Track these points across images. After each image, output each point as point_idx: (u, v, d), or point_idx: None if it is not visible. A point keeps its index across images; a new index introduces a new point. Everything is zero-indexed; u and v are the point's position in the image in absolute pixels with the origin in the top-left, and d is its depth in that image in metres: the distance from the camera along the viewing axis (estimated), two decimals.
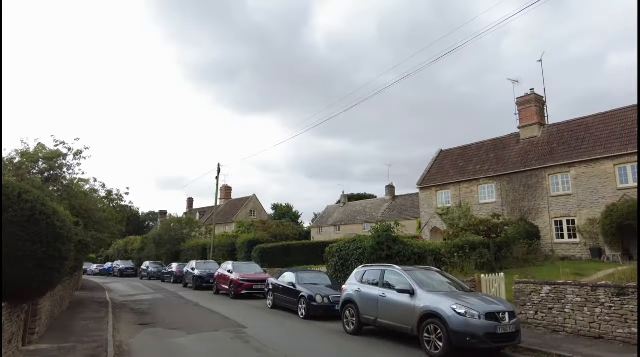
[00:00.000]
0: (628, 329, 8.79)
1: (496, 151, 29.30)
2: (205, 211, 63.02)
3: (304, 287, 13.95)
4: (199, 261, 27.72)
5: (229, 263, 22.02)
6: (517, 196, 26.17)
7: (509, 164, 27.30)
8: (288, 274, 15.71)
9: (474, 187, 28.60)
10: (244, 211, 56.90)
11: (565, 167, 24.29)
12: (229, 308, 15.92)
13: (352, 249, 16.93)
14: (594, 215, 22.69)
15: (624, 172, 22.19)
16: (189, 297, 20.47)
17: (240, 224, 37.05)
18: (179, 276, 30.55)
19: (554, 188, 24.79)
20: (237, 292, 19.37)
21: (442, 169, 31.81)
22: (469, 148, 32.01)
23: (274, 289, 15.89)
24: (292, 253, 28.67)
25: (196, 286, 24.73)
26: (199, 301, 18.61)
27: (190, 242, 39.87)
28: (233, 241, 32.51)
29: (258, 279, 19.80)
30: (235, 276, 19.90)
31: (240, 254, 30.01)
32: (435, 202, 30.82)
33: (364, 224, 50.54)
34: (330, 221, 55.91)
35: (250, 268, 21.55)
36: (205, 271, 25.32)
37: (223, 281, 21.25)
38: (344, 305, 11.15)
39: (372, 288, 10.34)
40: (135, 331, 11.16)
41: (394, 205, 49.93)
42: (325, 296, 13.18)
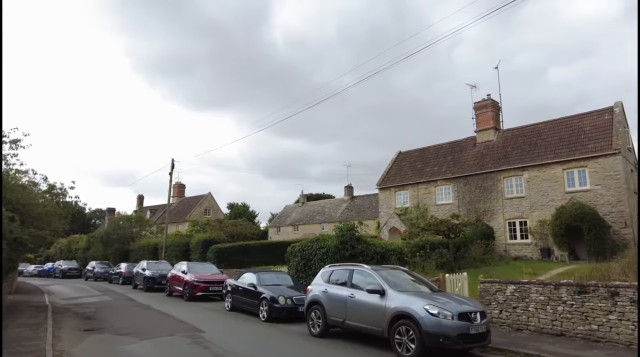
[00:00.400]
0: (588, 326, 8.98)
1: (453, 154, 30.02)
2: (157, 209, 60.37)
3: (266, 289, 13.36)
4: (150, 261, 26.26)
5: (183, 263, 20.93)
6: (473, 197, 26.90)
7: (466, 166, 28.03)
8: (248, 275, 15.04)
9: (431, 188, 29.12)
10: (198, 210, 55.01)
11: (519, 171, 25.24)
12: (184, 311, 15.00)
13: (315, 249, 16.51)
14: (544, 217, 23.71)
15: (571, 176, 23.35)
16: (140, 299, 19.22)
17: (194, 223, 35.57)
18: (128, 276, 28.89)
19: (508, 191, 25.70)
20: (192, 294, 18.39)
21: (401, 170, 32.19)
22: (427, 150, 32.61)
23: (232, 291, 15.16)
24: (250, 253, 27.85)
25: (147, 288, 23.36)
26: (150, 303, 17.47)
27: (140, 241, 37.87)
28: (187, 240, 31.12)
29: (215, 280, 18.92)
30: (190, 277, 18.90)
31: (195, 254, 28.77)
32: (394, 203, 31.11)
33: (323, 223, 50.42)
34: (289, 221, 55.31)
35: (206, 269, 20.58)
36: (157, 272, 23.98)
37: (176, 282, 20.15)
38: (309, 306, 10.69)
39: (340, 288, 9.96)
40: (79, 338, 10.11)
41: (352, 205, 50.15)
42: (288, 297, 12.66)
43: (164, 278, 23.51)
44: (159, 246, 33.92)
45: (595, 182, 22.32)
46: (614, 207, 21.57)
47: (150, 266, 25.01)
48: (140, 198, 64.01)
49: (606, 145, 22.32)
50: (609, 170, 21.94)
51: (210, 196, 57.50)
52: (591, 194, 22.32)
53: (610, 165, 21.90)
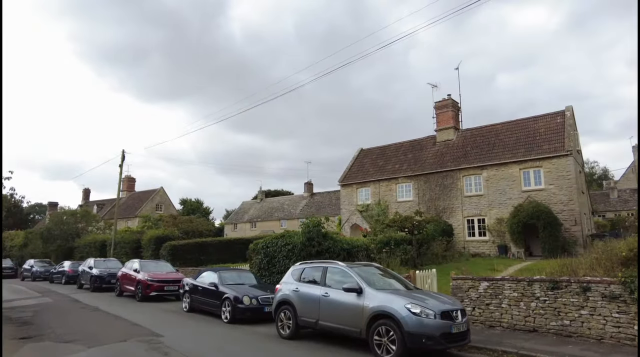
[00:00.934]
0: (560, 322, 9.00)
1: (414, 152, 30.31)
2: (104, 204, 56.95)
3: (228, 288, 12.55)
4: (97, 259, 24.41)
5: (135, 261, 19.53)
6: (433, 195, 27.25)
7: (426, 164, 28.36)
8: (208, 274, 14.13)
9: (392, 186, 29.23)
10: (149, 205, 52.39)
11: (478, 170, 25.81)
12: (138, 312, 13.85)
13: (280, 245, 15.83)
14: (502, 215, 24.39)
15: (527, 175, 24.18)
16: (86, 300, 17.68)
17: (146, 219, 33.57)
18: (73, 275, 26.79)
19: (468, 189, 26.24)
20: (145, 294, 17.15)
21: (363, 168, 32.11)
22: (388, 148, 32.75)
23: (191, 291, 14.18)
24: (207, 251, 26.66)
25: (94, 287, 21.66)
26: (98, 304, 16.07)
27: (86, 237, 35.34)
28: (138, 237, 29.32)
29: (170, 280, 17.77)
30: (143, 276, 17.63)
31: (147, 252, 27.13)
32: (355, 199, 30.97)
33: (282, 220, 49.66)
34: (246, 218, 54.01)
35: (161, 267, 19.32)
36: (105, 270, 22.32)
37: (128, 281, 18.76)
38: (278, 307, 10.04)
39: (312, 287, 9.39)
40: (14, 347, 8.87)
41: (312, 202, 49.74)
42: (253, 297, 11.93)
43: (114, 277, 21.92)
44: (107, 242, 31.79)
45: (549, 181, 23.22)
46: (565, 206, 22.52)
47: (98, 263, 23.25)
48: (86, 192, 60.09)
49: (559, 147, 23.26)
50: (561, 170, 22.89)
51: (162, 191, 54.97)
52: (545, 193, 23.19)
53: (563, 166, 22.84)
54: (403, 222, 19.13)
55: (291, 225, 48.09)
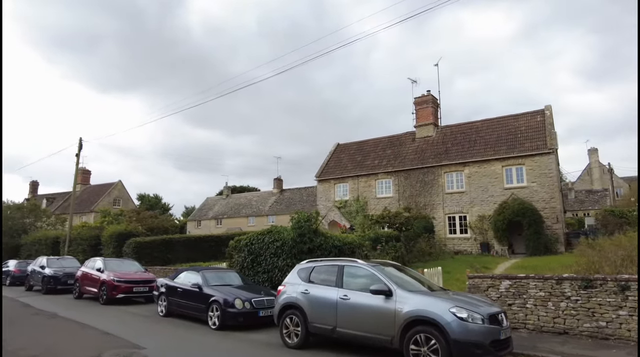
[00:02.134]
0: (595, 323, 8.31)
1: (393, 148, 29.66)
2: (55, 198, 52.68)
3: (215, 290, 11.07)
4: (51, 257, 21.87)
5: (98, 260, 17.48)
6: (414, 191, 26.68)
7: (407, 160, 27.76)
8: (189, 274, 12.54)
9: (371, 182, 28.42)
10: (106, 199, 48.90)
11: (460, 166, 25.46)
12: (106, 318, 12.07)
13: (267, 242, 14.42)
14: (484, 212, 24.13)
15: (510, 173, 24.05)
16: (40, 304, 15.51)
17: (105, 214, 30.87)
18: (19, 276, 24.06)
19: (449, 185, 25.84)
20: (111, 296, 15.24)
21: (340, 163, 31.12)
22: (365, 143, 31.95)
23: (168, 293, 12.53)
24: (175, 249, 24.67)
25: (47, 289, 19.30)
26: (56, 309, 14.03)
27: (35, 234, 32.10)
28: (97, 233, 26.77)
29: (140, 280, 15.96)
30: (109, 276, 15.68)
31: (108, 249, 24.76)
32: (333, 195, 29.91)
33: (250, 217, 47.84)
34: (211, 214, 51.66)
35: (127, 266, 17.35)
36: (60, 270, 19.98)
37: (89, 282, 16.70)
38: (283, 311, 8.74)
39: (326, 289, 8.17)
40: None
41: (282, 198, 48.25)
42: (246, 299, 10.52)
43: (71, 277, 19.65)
44: (60, 239, 28.93)
45: (532, 179, 23.17)
46: (547, 204, 22.53)
47: (52, 262, 20.81)
48: (33, 185, 55.29)
49: (541, 145, 23.27)
50: (543, 168, 22.89)
51: (120, 185, 51.52)
52: (528, 191, 23.13)
53: (545, 164, 22.85)
54: (393, 218, 18.24)
55: (260, 222, 46.41)
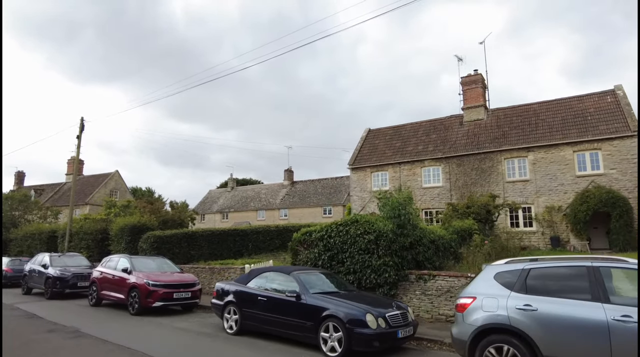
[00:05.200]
0: None
1: (437, 132, 26.62)
2: (44, 189, 48.27)
3: (325, 301, 7.81)
4: (53, 254, 18.23)
5: (123, 257, 13.98)
6: (468, 180, 23.67)
7: (458, 146, 24.74)
8: (275, 277, 9.21)
9: (417, 170, 25.32)
10: (102, 191, 44.80)
11: (523, 152, 22.54)
12: (156, 339, 8.77)
13: (353, 235, 11.18)
14: (552, 202, 21.28)
15: (582, 159, 21.23)
16: (49, 314, 12.01)
17: (110, 204, 27.15)
18: (14, 277, 20.44)
19: (510, 173, 22.90)
20: (145, 305, 11.84)
21: (376, 149, 27.93)
22: (402, 128, 28.84)
23: (240, 302, 9.21)
24: (198, 244, 21.19)
25: (53, 293, 15.75)
26: (74, 322, 10.62)
27: (27, 227, 28.17)
28: (104, 226, 23.08)
29: (180, 283, 12.54)
30: (140, 279, 12.27)
31: (118, 245, 21.14)
32: (369, 185, 26.71)
33: (259, 211, 44.39)
34: (216, 208, 48.00)
35: (159, 265, 13.90)
36: (67, 270, 16.44)
37: (112, 285, 13.25)
38: (480, 338, 5.55)
39: (574, 305, 5.01)
40: None
41: (294, 191, 44.87)
42: (379, 315, 7.30)
43: (82, 279, 16.26)
44: (58, 233, 25.14)
45: (610, 165, 20.38)
46: (630, 193, 19.76)
47: (57, 260, 17.24)
48: (20, 175, 50.65)
49: (621, 127, 20.49)
50: (625, 153, 20.11)
51: (117, 175, 47.43)
52: (606, 179, 20.33)
53: (627, 148, 20.07)
54: (480, 208, 15.19)
55: (271, 216, 43.05)
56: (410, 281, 10.75)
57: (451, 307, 9.94)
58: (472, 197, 17.14)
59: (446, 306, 10.04)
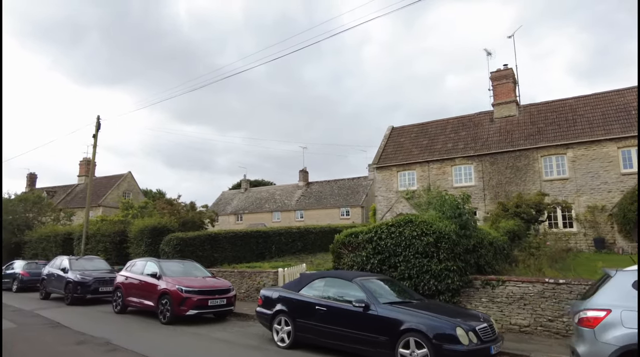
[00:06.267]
0: None
1: (467, 129, 25.50)
2: (56, 191, 47.69)
3: (401, 312, 6.79)
4: (72, 257, 17.37)
5: (151, 261, 13.02)
6: (502, 179, 22.53)
7: (490, 143, 23.60)
8: (333, 282, 8.17)
9: (446, 168, 24.21)
10: (115, 193, 44.13)
11: (561, 148, 21.36)
12: (201, 352, 7.75)
13: (408, 236, 10.12)
14: (594, 202, 20.09)
15: (627, 156, 20.01)
16: (73, 322, 11.10)
17: (127, 205, 26.28)
18: (30, 280, 19.63)
19: (547, 171, 21.74)
20: (178, 313, 10.87)
21: (401, 147, 26.85)
22: (428, 125, 27.75)
23: (294, 312, 8.20)
24: (221, 246, 20.24)
25: (73, 299, 14.85)
26: (103, 332, 9.68)
27: (41, 230, 27.40)
28: (122, 227, 22.20)
29: (215, 289, 11.55)
30: (171, 284, 11.31)
31: (138, 247, 20.23)
32: (396, 185, 25.64)
33: (274, 212, 43.40)
34: (229, 209, 47.09)
35: (189, 269, 12.94)
36: (88, 274, 15.53)
37: (139, 292, 12.31)
38: None
39: None
40: None
41: (309, 192, 43.86)
42: (470, 329, 6.25)
43: (104, 283, 15.36)
44: (74, 235, 24.30)
45: None
46: None
47: (76, 264, 16.33)
48: (31, 177, 50.11)
49: None
50: None
51: (130, 176, 46.76)
52: None
53: None
54: (535, 206, 14.07)
55: (287, 217, 42.06)
56: (475, 287, 9.69)
57: (525, 316, 8.88)
58: (521, 196, 16.01)
59: (519, 314, 8.96)
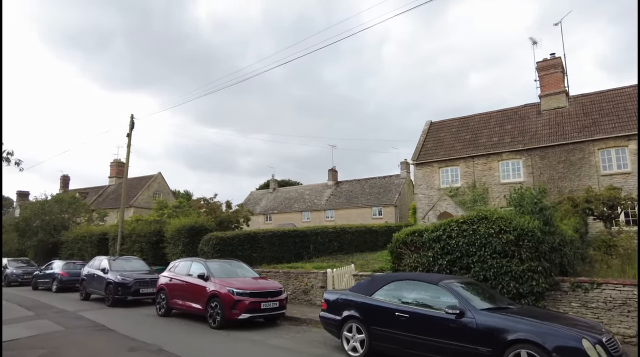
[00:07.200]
0: None
1: (512, 123, 24.11)
2: (88, 193, 48.29)
3: (512, 321, 5.84)
4: (111, 257, 17.01)
5: (197, 261, 12.39)
6: (555, 174, 21.10)
7: (540, 136, 22.18)
8: (414, 285, 7.25)
9: (493, 163, 22.90)
10: (145, 193, 44.28)
11: (621, 140, 19.82)
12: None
13: (484, 234, 9.11)
14: None
15: None
16: (120, 326, 10.56)
17: (162, 205, 26.03)
18: (68, 280, 19.39)
19: (606, 165, 20.21)
20: (230, 317, 10.17)
21: (442, 142, 25.66)
22: (470, 119, 26.46)
23: (369, 319, 7.32)
24: (260, 246, 19.58)
25: (114, 300, 14.39)
26: (152, 338, 9.04)
27: (77, 230, 27.41)
28: (158, 227, 21.82)
29: (267, 291, 10.79)
30: (221, 286, 10.64)
31: (176, 247, 19.77)
32: (437, 182, 24.47)
33: (304, 212, 42.70)
34: (259, 209, 46.66)
35: (236, 270, 12.24)
36: (128, 275, 15.07)
37: (185, 294, 11.69)
38: None
39: None
40: None
41: (339, 191, 42.98)
42: (596, 341, 5.25)
43: (145, 285, 14.89)
44: (109, 235, 24.14)
45: None
46: None
47: (115, 264, 15.92)
48: (65, 179, 50.94)
49: None
50: None
51: (160, 177, 46.91)
52: None
53: None
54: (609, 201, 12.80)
55: (317, 217, 41.28)
56: (563, 290, 8.61)
57: (630, 324, 7.76)
58: (591, 190, 14.65)
59: (622, 323, 7.84)
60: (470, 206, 22.14)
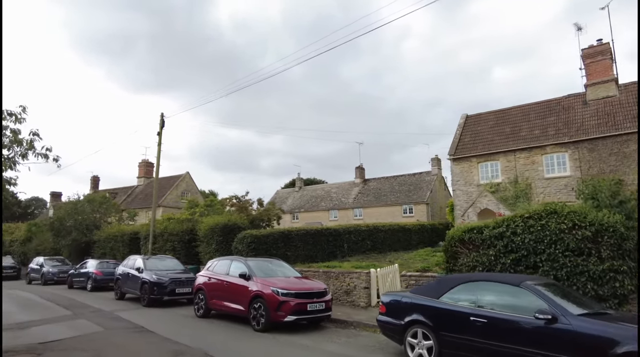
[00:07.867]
0: None
1: (556, 114, 22.81)
2: (117, 193, 48.93)
3: (618, 328, 5.02)
4: (145, 257, 16.75)
5: (237, 260, 11.90)
6: (605, 167, 19.78)
7: (587, 127, 20.87)
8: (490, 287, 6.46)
9: (536, 157, 21.69)
10: (174, 193, 44.55)
11: None
12: None
13: (554, 230, 8.24)
14: None
15: None
16: (157, 327, 10.18)
17: (192, 203, 25.87)
18: (102, 279, 19.33)
19: None
20: (275, 319, 9.59)
21: (479, 136, 24.55)
22: (507, 112, 25.25)
23: (436, 323, 6.59)
24: (294, 244, 19.07)
25: (150, 300, 14.08)
26: (194, 341, 8.56)
27: (109, 229, 27.54)
28: (191, 226, 21.57)
29: (313, 292, 10.18)
30: (264, 286, 10.08)
31: (209, 246, 19.44)
32: (476, 177, 23.39)
33: (332, 210, 42.05)
34: (285, 208, 46.18)
35: (277, 269, 11.67)
36: (163, 274, 14.74)
37: (224, 294, 11.20)
38: None
39: None
40: None
41: (367, 189, 42.12)
42: None
43: (180, 284, 14.53)
44: (141, 235, 24.07)
45: None
46: None
47: (150, 264, 15.61)
48: (95, 180, 51.82)
49: None
50: None
51: (188, 177, 47.12)
52: None
53: None
54: None
55: (344, 216, 40.58)
56: None
57: None
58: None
59: None
60: (513, 202, 21.03)
